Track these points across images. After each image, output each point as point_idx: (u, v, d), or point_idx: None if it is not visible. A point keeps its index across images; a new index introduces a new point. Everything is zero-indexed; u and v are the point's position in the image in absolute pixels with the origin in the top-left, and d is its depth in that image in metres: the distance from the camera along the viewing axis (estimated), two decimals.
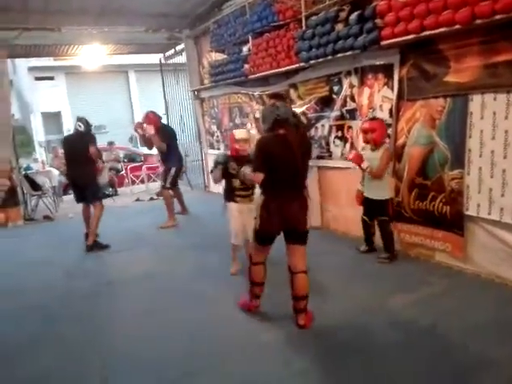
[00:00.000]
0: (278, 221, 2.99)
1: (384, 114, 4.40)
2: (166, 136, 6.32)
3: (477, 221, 3.68)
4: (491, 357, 2.58)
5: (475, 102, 3.52)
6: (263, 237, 3.13)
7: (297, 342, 2.94)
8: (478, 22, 3.15)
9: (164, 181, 6.43)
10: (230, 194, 4.05)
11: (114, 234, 6.00)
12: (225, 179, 4.02)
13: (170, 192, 6.51)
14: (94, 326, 3.45)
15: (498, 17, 3.02)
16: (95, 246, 5.45)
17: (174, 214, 6.45)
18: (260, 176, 2.96)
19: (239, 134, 4.08)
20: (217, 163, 3.93)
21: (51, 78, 19.05)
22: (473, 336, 2.81)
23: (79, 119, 5.60)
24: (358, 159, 4.20)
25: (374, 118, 4.29)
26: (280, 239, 3.12)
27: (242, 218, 3.96)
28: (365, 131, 4.21)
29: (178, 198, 6.88)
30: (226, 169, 3.90)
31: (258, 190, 3.37)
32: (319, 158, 5.49)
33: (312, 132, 5.54)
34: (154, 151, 11.63)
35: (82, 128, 5.53)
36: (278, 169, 2.93)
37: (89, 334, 3.33)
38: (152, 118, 6.29)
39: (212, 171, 4.05)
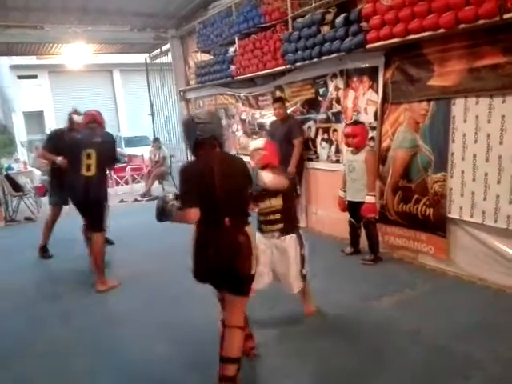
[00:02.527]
0: (204, 264, 2.41)
1: (369, 117, 4.42)
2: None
3: (459, 223, 3.72)
4: (476, 359, 2.59)
5: (458, 105, 3.56)
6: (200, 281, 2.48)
7: (283, 344, 2.94)
8: (462, 26, 3.18)
9: None
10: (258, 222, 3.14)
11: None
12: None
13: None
14: (78, 328, 3.41)
15: (481, 22, 3.05)
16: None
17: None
18: (192, 213, 2.30)
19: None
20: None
21: (34, 77, 18.74)
22: (457, 338, 2.82)
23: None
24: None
25: (356, 123, 4.30)
26: None
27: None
28: (347, 135, 4.23)
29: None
30: None
31: None
32: (306, 159, 5.50)
33: None
34: (138, 152, 11.53)
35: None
36: (200, 201, 2.33)
37: (73, 336, 3.29)
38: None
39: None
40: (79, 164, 4.05)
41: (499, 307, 3.20)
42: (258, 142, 3.17)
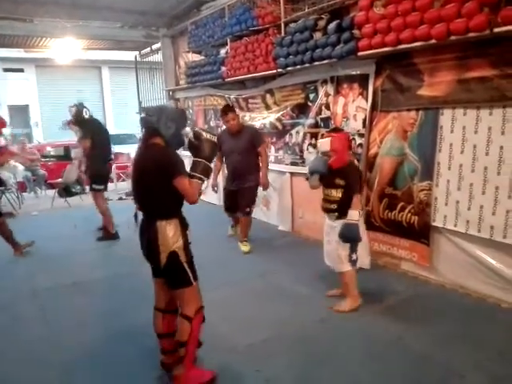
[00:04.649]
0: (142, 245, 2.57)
1: (358, 124, 4.46)
2: None
3: (443, 232, 3.77)
4: (456, 368, 2.62)
5: (446, 116, 3.62)
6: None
7: (264, 351, 2.93)
8: (453, 38, 3.23)
9: None
10: None
11: (85, 233, 5.83)
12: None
13: None
14: (53, 328, 3.35)
15: (471, 34, 3.10)
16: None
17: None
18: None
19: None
20: (314, 172, 3.48)
21: (21, 70, 18.44)
22: (438, 347, 2.85)
23: None
24: None
25: (335, 130, 4.28)
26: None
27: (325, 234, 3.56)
28: None
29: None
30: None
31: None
32: (292, 164, 5.52)
33: (286, 138, 5.57)
34: (125, 150, 11.36)
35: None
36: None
37: (48, 335, 3.23)
38: None
39: (307, 179, 3.58)
40: None
41: (480, 316, 3.25)
42: (325, 145, 3.36)
